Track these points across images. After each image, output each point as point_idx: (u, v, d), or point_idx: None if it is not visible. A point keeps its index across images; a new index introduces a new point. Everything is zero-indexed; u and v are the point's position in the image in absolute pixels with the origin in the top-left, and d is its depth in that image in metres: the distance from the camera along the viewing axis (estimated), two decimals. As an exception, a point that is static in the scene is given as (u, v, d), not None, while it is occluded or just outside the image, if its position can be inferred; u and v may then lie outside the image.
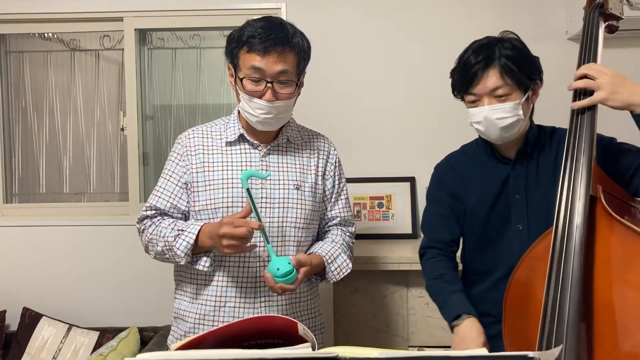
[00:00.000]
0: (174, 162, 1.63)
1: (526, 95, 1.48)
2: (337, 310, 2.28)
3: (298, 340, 0.93)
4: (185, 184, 1.61)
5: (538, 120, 1.61)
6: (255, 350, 0.85)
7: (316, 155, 1.68)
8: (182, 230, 1.52)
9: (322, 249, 1.63)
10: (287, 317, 0.96)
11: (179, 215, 1.62)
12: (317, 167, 1.67)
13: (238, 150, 1.61)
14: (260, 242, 1.53)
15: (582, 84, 1.35)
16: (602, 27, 1.44)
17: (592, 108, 1.35)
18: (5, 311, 2.67)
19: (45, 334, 2.55)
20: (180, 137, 1.67)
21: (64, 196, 2.93)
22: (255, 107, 1.51)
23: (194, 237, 1.49)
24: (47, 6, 2.71)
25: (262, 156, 1.61)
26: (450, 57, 1.62)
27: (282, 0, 2.63)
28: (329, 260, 1.61)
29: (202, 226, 1.51)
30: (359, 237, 2.55)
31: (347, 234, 1.73)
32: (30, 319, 2.60)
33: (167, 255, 1.55)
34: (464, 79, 1.50)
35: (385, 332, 2.25)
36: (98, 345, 2.50)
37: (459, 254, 1.73)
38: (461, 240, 1.68)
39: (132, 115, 2.76)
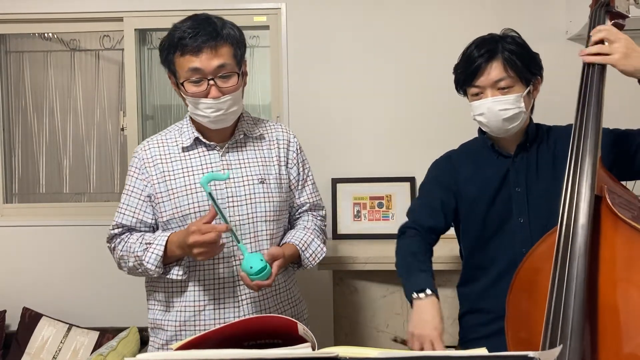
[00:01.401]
0: (133, 177, 1.61)
1: (528, 89, 1.51)
2: (337, 310, 2.28)
3: (298, 340, 0.94)
4: (148, 196, 1.59)
5: (538, 118, 1.62)
6: (255, 350, 0.85)
7: (276, 145, 1.66)
8: (150, 244, 1.50)
9: (295, 237, 1.62)
10: (287, 317, 0.97)
11: (147, 229, 1.60)
12: (279, 157, 1.65)
13: (196, 154, 1.59)
14: (232, 242, 1.53)
15: (595, 49, 1.35)
16: (608, 25, 1.44)
17: (599, 108, 1.34)
18: (5, 311, 2.67)
19: (45, 334, 2.55)
20: (136, 150, 1.64)
21: (64, 196, 2.93)
22: (204, 108, 1.50)
23: (162, 248, 1.48)
24: (47, 6, 2.71)
25: (221, 156, 1.59)
26: (450, 57, 1.62)
27: (282, 0, 2.63)
28: (303, 248, 1.61)
29: (169, 236, 1.50)
30: (359, 237, 2.55)
31: (319, 217, 1.73)
32: (30, 319, 2.60)
33: (139, 270, 1.54)
34: (467, 72, 1.52)
35: (385, 332, 2.25)
36: (98, 345, 2.51)
37: (456, 253, 1.73)
38: (463, 236, 1.69)
39: (132, 115, 2.76)
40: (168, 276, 1.54)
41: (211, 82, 1.47)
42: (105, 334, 2.54)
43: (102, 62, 2.89)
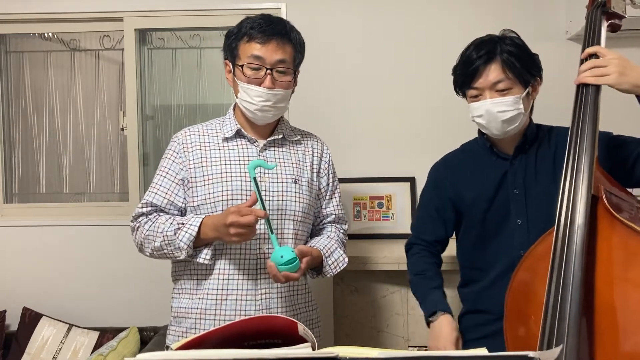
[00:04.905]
0: (169, 159, 1.64)
1: (527, 91, 1.50)
2: (337, 310, 2.28)
3: (298, 340, 0.93)
4: (182, 180, 1.62)
5: (538, 119, 1.62)
6: (255, 350, 0.85)
7: (310, 152, 1.71)
8: (183, 224, 1.52)
9: (319, 243, 1.65)
10: (287, 317, 0.97)
11: (176, 212, 1.62)
12: (312, 164, 1.70)
13: (235, 145, 1.63)
14: (262, 231, 1.55)
15: (590, 70, 1.34)
16: (604, 25, 1.44)
17: (595, 108, 1.34)
18: (5, 311, 2.67)
19: (45, 334, 2.55)
20: (176, 135, 1.68)
21: (64, 196, 2.93)
22: (254, 95, 1.55)
23: (196, 228, 1.50)
24: (47, 6, 2.71)
25: (260, 151, 1.63)
26: (450, 57, 1.62)
27: (282, 0, 2.63)
28: (327, 254, 1.63)
29: (203, 218, 1.52)
30: (359, 237, 2.55)
31: (341, 231, 1.76)
32: (30, 319, 2.60)
33: (165, 251, 1.54)
34: (466, 74, 1.52)
35: (385, 332, 2.25)
36: (98, 345, 2.51)
37: (454, 253, 1.74)
38: (461, 238, 1.69)
39: (132, 115, 2.76)
40: (196, 259, 1.55)
41: (268, 72, 1.54)
42: (105, 334, 2.54)
43: (102, 62, 2.89)
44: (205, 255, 1.54)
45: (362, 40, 2.63)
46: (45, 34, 2.89)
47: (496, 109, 1.48)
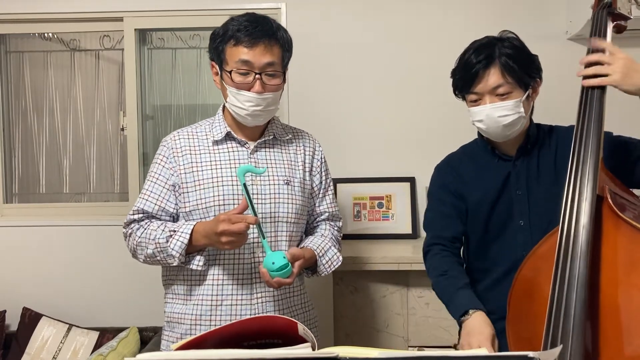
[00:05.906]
0: (160, 165, 1.63)
1: (527, 93, 1.49)
2: (337, 310, 2.28)
3: (298, 340, 0.93)
4: (172, 185, 1.60)
5: (538, 119, 1.62)
6: (255, 350, 0.85)
7: (302, 151, 1.70)
8: (175, 231, 1.51)
9: (313, 243, 1.65)
10: (287, 317, 0.97)
11: (167, 218, 1.61)
12: (304, 163, 1.69)
13: (225, 148, 1.62)
14: (255, 236, 1.54)
15: (593, 68, 1.34)
16: (610, 26, 1.43)
17: (600, 108, 1.34)
18: (5, 311, 2.67)
19: (45, 334, 2.55)
20: (165, 139, 1.66)
21: (64, 196, 2.93)
22: (244, 100, 1.53)
23: (187, 236, 1.49)
24: (47, 6, 2.71)
25: (250, 153, 1.62)
26: (450, 57, 1.62)
27: (282, 0, 2.63)
28: (320, 254, 1.63)
29: (194, 225, 1.51)
30: (359, 237, 2.55)
31: (335, 228, 1.75)
32: (30, 319, 2.60)
33: (158, 258, 1.54)
34: (465, 78, 1.51)
35: (385, 332, 2.25)
36: (98, 345, 2.50)
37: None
38: (465, 238, 1.68)
39: (132, 115, 2.76)
40: (189, 266, 1.54)
41: (257, 76, 1.51)
42: (105, 334, 2.54)
43: (102, 62, 2.89)
44: (198, 262, 1.54)
45: (362, 40, 2.62)
46: (45, 34, 2.88)
47: (497, 114, 1.47)
